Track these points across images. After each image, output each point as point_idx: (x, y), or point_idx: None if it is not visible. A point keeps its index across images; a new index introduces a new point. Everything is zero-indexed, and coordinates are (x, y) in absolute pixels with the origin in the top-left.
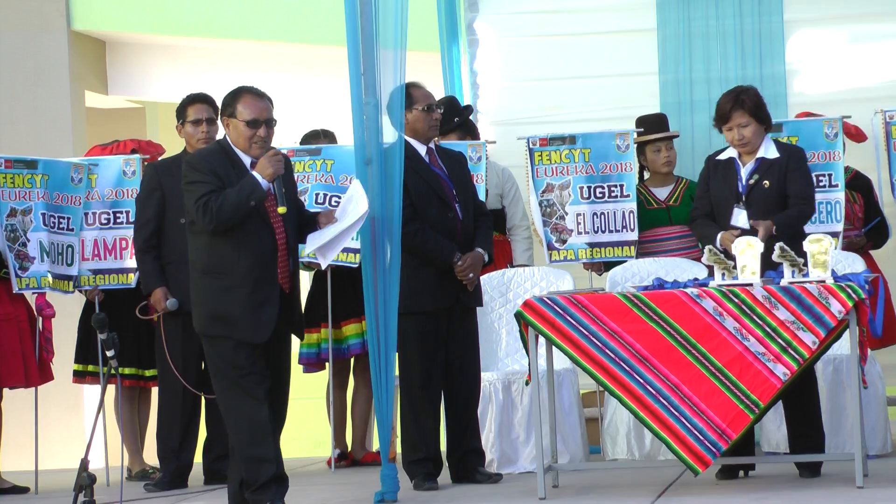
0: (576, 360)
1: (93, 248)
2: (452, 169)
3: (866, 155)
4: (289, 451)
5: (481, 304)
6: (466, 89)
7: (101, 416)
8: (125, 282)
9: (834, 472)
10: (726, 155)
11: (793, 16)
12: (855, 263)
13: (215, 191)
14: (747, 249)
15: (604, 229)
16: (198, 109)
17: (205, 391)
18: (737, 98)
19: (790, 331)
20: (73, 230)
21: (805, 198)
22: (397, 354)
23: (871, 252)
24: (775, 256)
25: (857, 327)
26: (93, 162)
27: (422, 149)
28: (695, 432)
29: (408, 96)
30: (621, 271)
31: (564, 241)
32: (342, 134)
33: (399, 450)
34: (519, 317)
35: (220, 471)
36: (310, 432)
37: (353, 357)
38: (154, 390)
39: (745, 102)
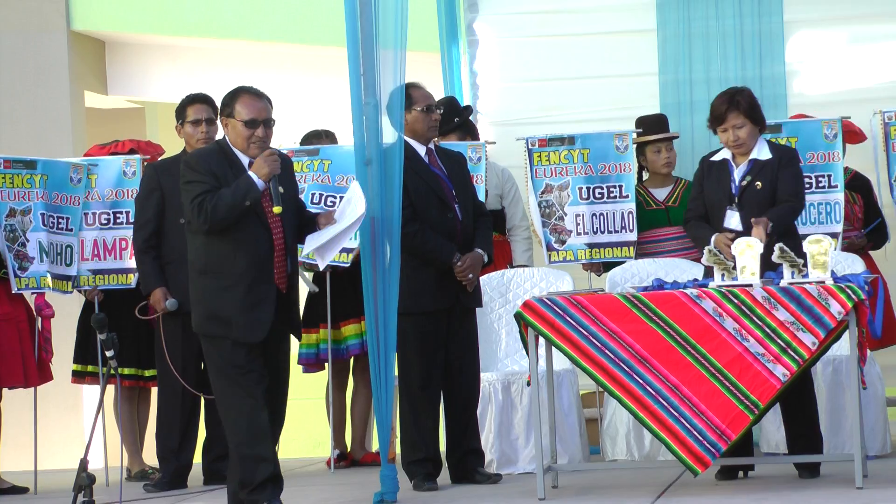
0: (575, 360)
1: (92, 248)
2: (452, 169)
3: (865, 156)
4: (288, 451)
5: (481, 305)
6: (466, 90)
7: (100, 417)
8: (125, 282)
9: (833, 473)
10: (720, 156)
11: (792, 16)
12: (854, 264)
13: (211, 191)
14: (747, 250)
15: (603, 230)
16: (197, 110)
17: (204, 392)
18: (731, 99)
19: (790, 331)
20: (72, 230)
21: (794, 195)
22: (397, 355)
23: (870, 253)
24: (775, 257)
25: (856, 328)
26: (92, 162)
27: (421, 149)
28: (694, 433)
29: (407, 97)
30: (621, 272)
31: (564, 242)
32: (342, 134)
33: (398, 450)
34: (518, 317)
35: (220, 471)
36: (309, 433)
37: (352, 357)
38: (154, 390)
39: (741, 103)
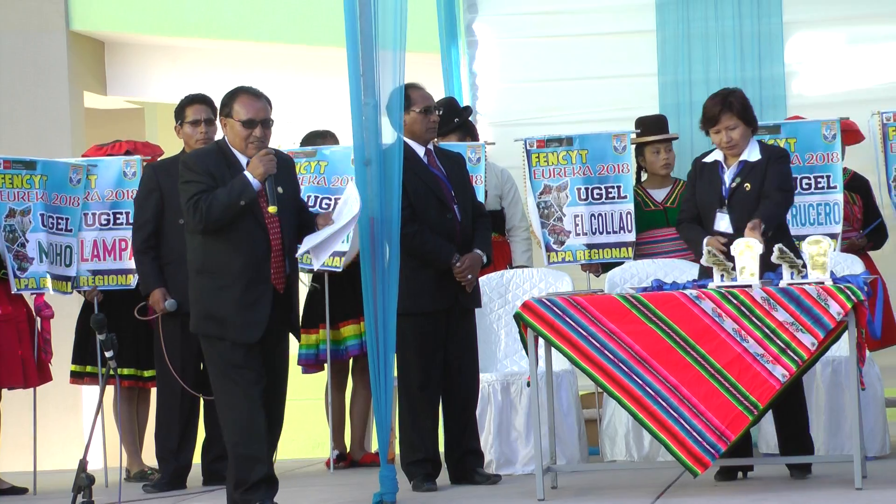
0: (575, 361)
1: (92, 248)
2: (451, 170)
3: (864, 156)
4: (287, 451)
5: (480, 306)
6: (465, 90)
7: (99, 417)
8: (125, 283)
9: (832, 474)
10: (712, 157)
11: (792, 17)
12: (854, 265)
13: (207, 191)
14: (746, 251)
15: (602, 230)
16: (196, 110)
17: (203, 392)
18: (724, 100)
19: (789, 332)
20: (71, 231)
21: (779, 189)
22: (396, 355)
23: (869, 253)
24: (774, 258)
25: (855, 329)
26: (92, 163)
27: (420, 150)
28: (693, 434)
29: (406, 98)
30: (620, 273)
31: (562, 243)
32: (342, 135)
33: (398, 451)
34: (518, 318)
35: (219, 471)
36: (308, 433)
37: (351, 358)
38: (153, 391)
39: (734, 105)
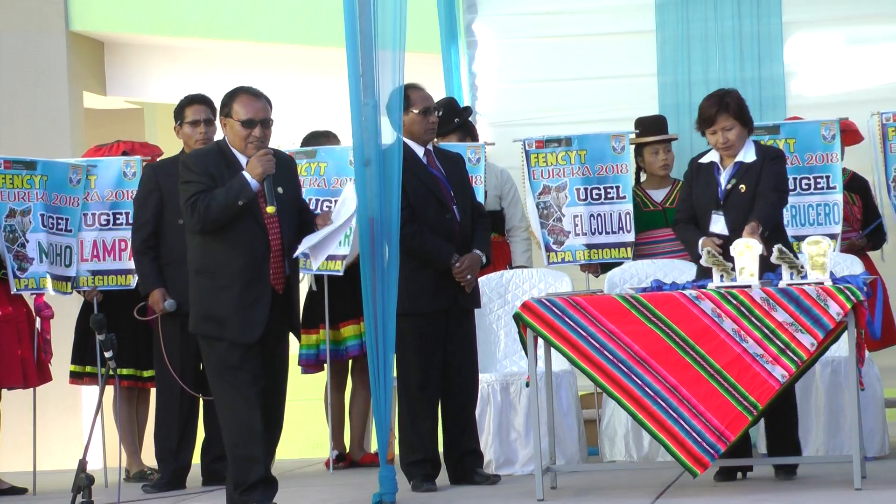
0: (574, 361)
1: (92, 249)
2: (450, 170)
3: (863, 157)
4: (287, 452)
5: (479, 306)
6: (465, 91)
7: (99, 417)
8: (124, 283)
9: (832, 474)
10: (708, 158)
11: (791, 18)
12: (853, 265)
13: (206, 191)
14: (745, 251)
15: (601, 231)
16: (196, 110)
17: (202, 392)
18: (721, 101)
19: (788, 332)
20: (71, 231)
21: (774, 189)
22: (395, 356)
23: (869, 254)
24: (774, 258)
25: (855, 329)
26: (91, 163)
27: (420, 150)
28: (693, 434)
29: (406, 98)
30: (619, 273)
31: (562, 243)
32: (342, 135)
33: (397, 451)
34: (517, 318)
35: (219, 472)
36: (308, 433)
37: (350, 358)
38: (152, 391)
39: (730, 105)
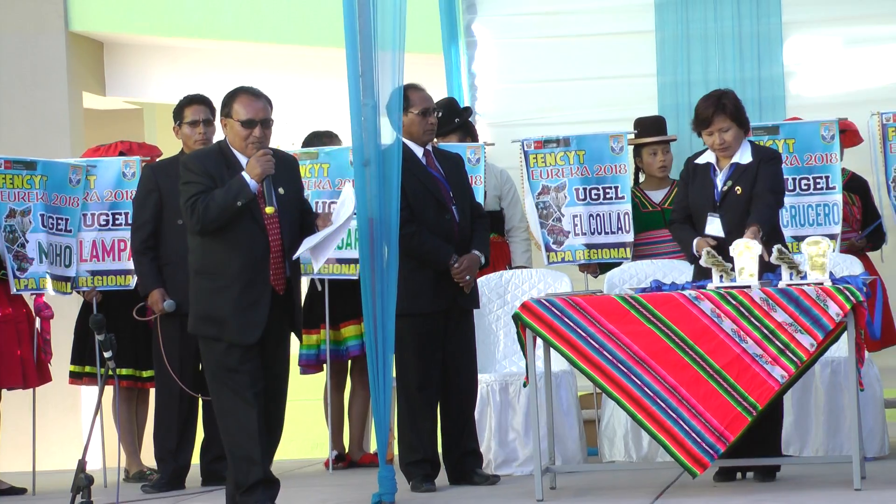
0: (573, 361)
1: (91, 249)
2: (450, 171)
3: (863, 157)
4: (286, 452)
5: (478, 307)
6: (465, 91)
7: (98, 417)
8: (124, 283)
9: (831, 475)
10: (704, 159)
11: (791, 18)
12: (853, 266)
13: (205, 191)
14: (745, 252)
15: (600, 231)
16: (195, 111)
17: (202, 392)
18: (718, 102)
19: (788, 333)
20: (71, 231)
21: (770, 191)
22: (395, 356)
23: (868, 254)
24: (773, 259)
25: (854, 330)
26: (91, 163)
27: (419, 151)
28: (692, 434)
29: (405, 99)
30: (619, 273)
31: (561, 243)
32: (342, 136)
33: (396, 451)
34: (516, 319)
35: (218, 472)
36: (307, 434)
37: (350, 359)
38: (152, 391)
39: (727, 106)
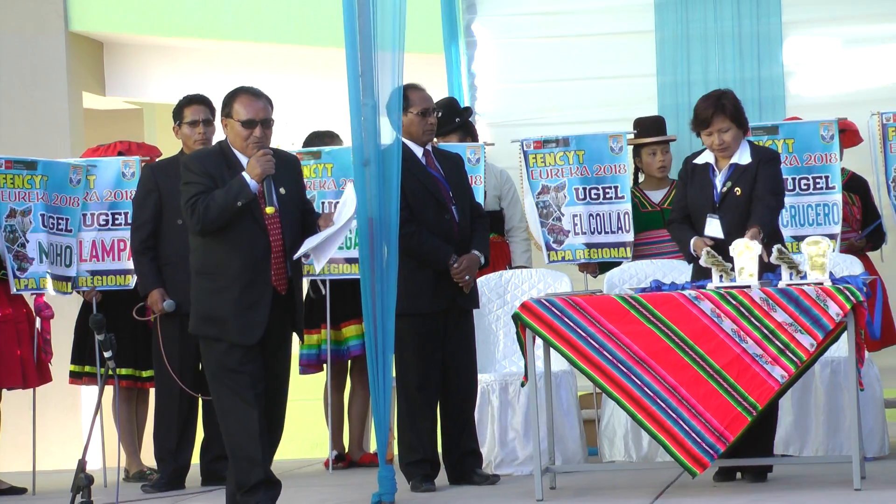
0: (573, 361)
1: (91, 249)
2: (449, 171)
3: (862, 157)
4: (286, 452)
5: (478, 307)
6: (465, 91)
7: (98, 417)
8: (123, 283)
9: (831, 475)
10: (703, 159)
11: (791, 18)
12: (853, 266)
13: (206, 192)
14: (745, 252)
15: (600, 230)
16: (194, 111)
17: (202, 392)
18: (717, 102)
19: (788, 333)
20: (71, 231)
21: (770, 193)
22: (394, 356)
23: (868, 254)
24: (773, 258)
25: (854, 330)
26: (91, 163)
27: (418, 151)
28: (692, 434)
29: (405, 99)
30: (619, 273)
31: (561, 242)
32: (342, 136)
33: (396, 451)
34: (516, 319)
35: (218, 472)
36: (307, 434)
37: (351, 358)
38: (152, 391)
39: (726, 107)
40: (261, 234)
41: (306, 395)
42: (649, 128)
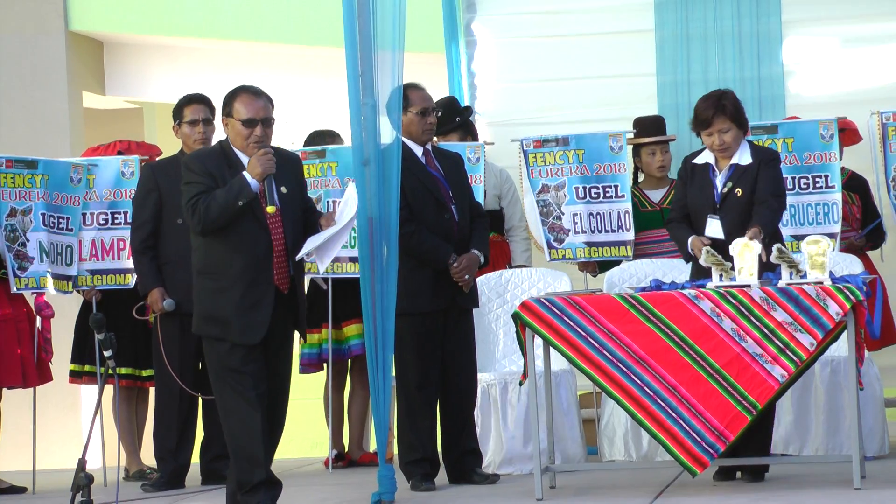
0: (573, 361)
1: (90, 248)
2: (449, 170)
3: (862, 156)
4: (286, 451)
5: (477, 306)
6: (465, 90)
7: (98, 416)
8: (123, 282)
9: (831, 474)
10: (703, 159)
11: (790, 17)
12: (853, 265)
13: (207, 191)
14: (745, 251)
15: (600, 229)
16: (194, 110)
17: (202, 392)
18: (718, 103)
19: (788, 332)
20: (72, 230)
21: (773, 195)
22: (394, 355)
23: (868, 253)
24: (773, 258)
25: (854, 329)
26: (92, 162)
27: (418, 150)
28: (692, 434)
29: (405, 98)
30: (619, 272)
31: (562, 241)
32: (342, 135)
33: (396, 450)
34: (516, 318)
35: (218, 471)
36: (307, 433)
37: (351, 358)
38: (152, 391)
39: (727, 107)
40: (262, 234)
41: (306, 394)
42: (649, 127)
